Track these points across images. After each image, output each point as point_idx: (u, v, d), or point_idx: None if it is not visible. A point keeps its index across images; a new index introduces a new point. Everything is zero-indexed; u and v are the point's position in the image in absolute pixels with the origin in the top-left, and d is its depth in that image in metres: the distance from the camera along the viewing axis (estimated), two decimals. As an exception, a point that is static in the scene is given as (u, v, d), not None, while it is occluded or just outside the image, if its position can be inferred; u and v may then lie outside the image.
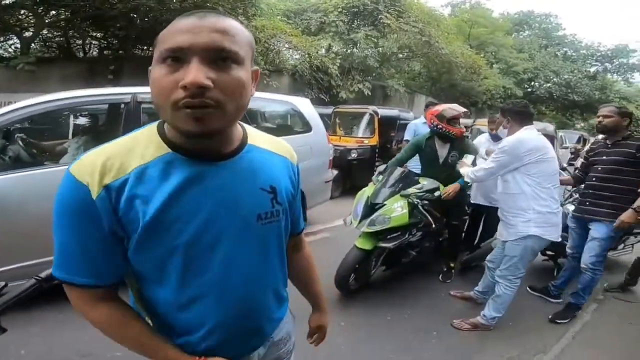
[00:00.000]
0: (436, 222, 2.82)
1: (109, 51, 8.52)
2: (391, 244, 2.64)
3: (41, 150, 2.88)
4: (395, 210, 2.69)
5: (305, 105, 4.02)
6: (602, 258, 2.56)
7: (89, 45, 8.98)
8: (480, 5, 23.80)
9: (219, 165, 0.68)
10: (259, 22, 9.43)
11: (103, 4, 6.91)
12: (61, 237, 0.64)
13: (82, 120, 3.08)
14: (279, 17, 11.29)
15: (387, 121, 6.58)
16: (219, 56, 0.59)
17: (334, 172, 4.56)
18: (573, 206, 3.46)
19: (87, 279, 0.65)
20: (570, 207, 3.44)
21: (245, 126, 0.79)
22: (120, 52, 8.07)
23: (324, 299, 1.07)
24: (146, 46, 8.41)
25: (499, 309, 2.46)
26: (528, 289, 3.13)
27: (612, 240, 2.60)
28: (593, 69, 25.63)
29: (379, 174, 3.05)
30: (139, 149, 0.65)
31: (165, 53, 0.59)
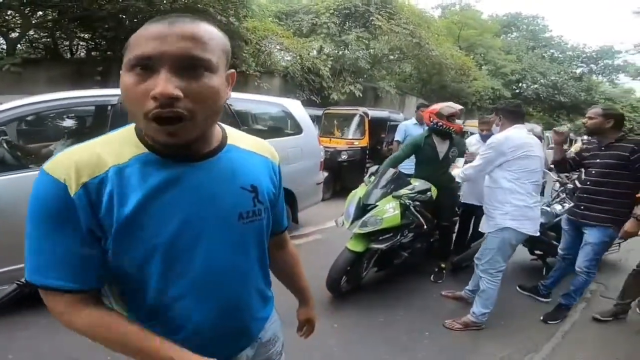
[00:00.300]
0: (427, 223, 2.84)
1: (97, 52, 8.40)
2: (383, 245, 2.65)
3: (26, 153, 2.81)
4: (387, 211, 2.70)
5: (296, 107, 4.02)
6: (596, 262, 2.57)
7: (76, 47, 8.85)
8: (470, 7, 24.14)
9: (197, 165, 0.68)
10: (250, 24, 9.40)
11: (91, 5, 6.82)
12: (37, 239, 0.61)
13: (69, 123, 3.03)
14: (270, 19, 11.27)
15: (378, 122, 6.60)
16: (190, 65, 0.57)
17: (325, 174, 4.56)
18: (560, 206, 3.51)
19: (68, 282, 0.62)
20: (557, 207, 3.50)
21: (224, 127, 0.79)
22: (109, 54, 7.95)
23: (310, 293, 1.09)
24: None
25: (486, 304, 2.50)
26: (518, 288, 3.17)
27: (606, 245, 2.58)
28: (579, 71, 26.15)
29: (371, 175, 3.06)
30: (114, 148, 0.64)
31: (134, 61, 0.57)
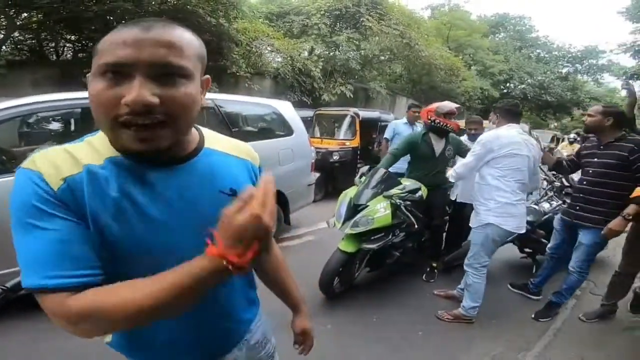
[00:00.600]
0: (418, 223, 2.85)
1: (84, 54, 8.28)
2: (375, 245, 2.65)
3: (11, 157, 2.75)
4: (378, 211, 2.71)
5: (286, 109, 4.01)
6: (589, 263, 2.56)
7: (62, 48, 8.70)
8: (459, 7, 24.42)
9: (172, 170, 0.66)
10: (240, 25, 9.35)
11: (78, 6, 6.72)
12: (25, 237, 0.56)
13: (55, 125, 2.97)
14: (261, 20, 11.23)
15: (369, 123, 6.63)
16: (165, 72, 0.56)
17: (316, 175, 4.56)
18: (548, 204, 3.56)
19: (68, 278, 0.55)
20: (545, 205, 3.55)
21: (202, 130, 0.77)
22: (96, 55, 7.86)
23: (302, 300, 1.04)
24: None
25: (474, 298, 2.54)
26: (509, 286, 3.21)
27: (599, 246, 2.55)
28: (565, 70, 26.69)
29: (362, 175, 3.07)
30: (88, 150, 0.63)
31: (105, 67, 0.55)
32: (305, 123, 4.63)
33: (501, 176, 2.38)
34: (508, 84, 24.47)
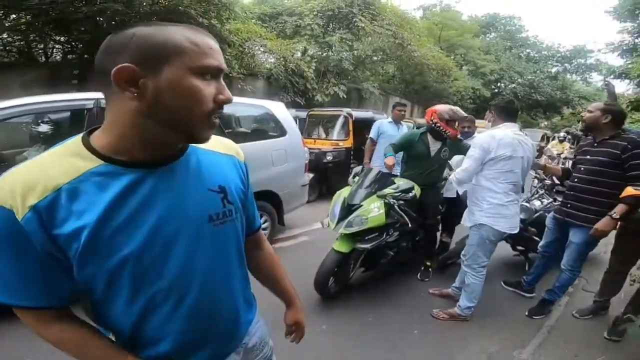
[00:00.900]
0: (412, 222, 2.86)
1: (73, 55, 8.17)
2: (369, 245, 2.66)
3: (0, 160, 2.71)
4: (372, 211, 2.71)
5: (279, 109, 4.00)
6: (581, 261, 2.56)
7: (51, 50, 8.59)
8: (450, 8, 24.61)
9: (158, 170, 0.66)
10: (233, 26, 9.31)
11: (67, 7, 6.63)
12: None
13: (44, 128, 2.92)
14: (253, 21, 11.20)
15: (362, 123, 6.62)
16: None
17: (310, 176, 4.56)
18: (539, 202, 3.59)
19: (32, 301, 0.62)
20: (536, 203, 3.58)
21: None
22: (86, 57, 7.74)
23: (295, 294, 1.06)
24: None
25: (471, 298, 2.55)
26: (502, 283, 3.23)
27: (591, 245, 2.53)
28: (554, 70, 27.08)
29: (355, 175, 3.08)
30: (64, 164, 0.61)
31: (205, 70, 0.62)
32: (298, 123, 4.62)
33: (494, 178, 2.38)
34: (499, 84, 24.73)
